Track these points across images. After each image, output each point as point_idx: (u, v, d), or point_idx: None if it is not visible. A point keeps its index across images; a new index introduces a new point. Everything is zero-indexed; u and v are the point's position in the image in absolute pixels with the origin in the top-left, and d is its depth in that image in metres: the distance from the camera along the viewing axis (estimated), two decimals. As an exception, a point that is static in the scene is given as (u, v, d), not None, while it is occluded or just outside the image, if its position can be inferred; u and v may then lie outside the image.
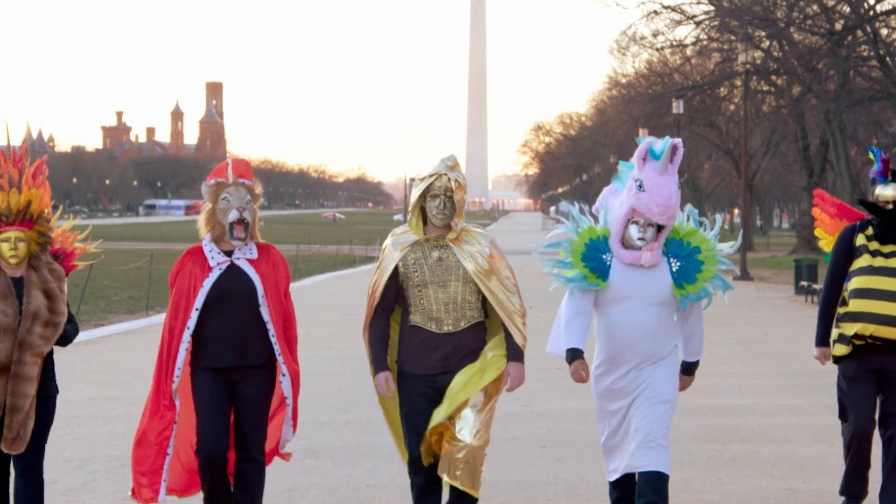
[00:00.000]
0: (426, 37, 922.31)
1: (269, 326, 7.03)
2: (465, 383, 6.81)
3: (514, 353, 6.92)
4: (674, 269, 7.02)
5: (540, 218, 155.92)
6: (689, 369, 7.27)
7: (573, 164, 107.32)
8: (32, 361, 6.77)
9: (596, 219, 7.27)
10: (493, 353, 6.93)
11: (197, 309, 6.96)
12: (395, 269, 6.91)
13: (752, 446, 10.57)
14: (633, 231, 6.95)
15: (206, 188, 7.12)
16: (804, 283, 30.31)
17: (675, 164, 7.01)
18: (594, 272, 6.97)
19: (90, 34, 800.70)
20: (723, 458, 10.07)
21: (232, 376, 7.02)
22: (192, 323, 6.98)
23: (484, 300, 6.95)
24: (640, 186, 6.91)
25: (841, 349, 7.64)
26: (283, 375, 7.12)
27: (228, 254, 7.09)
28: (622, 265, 6.99)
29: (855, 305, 7.51)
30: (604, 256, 7.01)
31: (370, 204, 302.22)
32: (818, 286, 28.45)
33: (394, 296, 6.98)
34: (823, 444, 10.68)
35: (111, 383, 13.92)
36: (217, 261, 7.05)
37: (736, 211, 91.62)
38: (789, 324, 23.07)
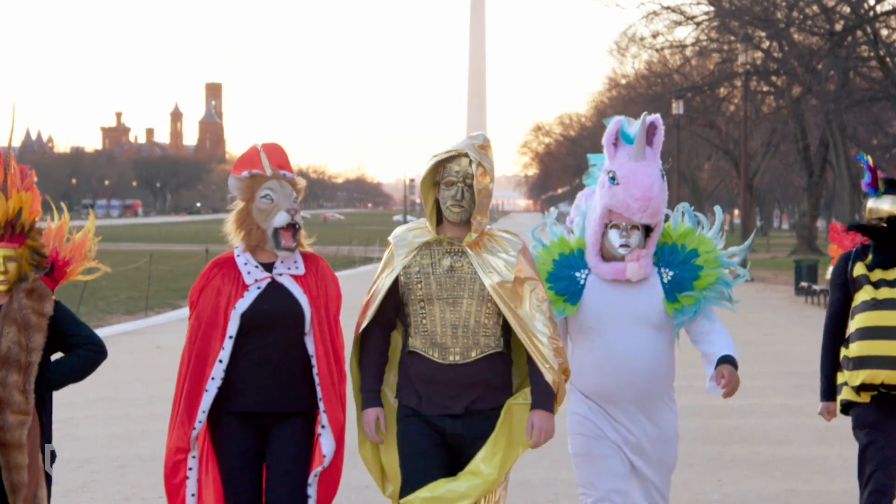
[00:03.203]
0: (426, 37, 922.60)
1: (314, 362, 5.52)
2: (497, 464, 5.30)
3: (541, 399, 5.34)
4: (665, 281, 5.70)
5: (539, 219, 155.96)
6: (728, 359, 5.86)
7: (573, 165, 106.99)
8: (16, 422, 5.35)
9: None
10: (522, 409, 5.41)
11: (231, 337, 5.49)
12: (396, 277, 5.39)
13: (753, 447, 10.56)
14: (614, 237, 5.62)
15: (236, 182, 5.56)
16: (804, 284, 30.32)
17: (656, 148, 5.68)
18: (561, 294, 5.67)
19: (90, 34, 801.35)
20: (723, 458, 10.06)
21: (264, 423, 5.56)
22: (225, 355, 5.49)
23: (506, 325, 5.38)
24: (613, 179, 5.58)
25: (848, 393, 6.31)
26: (323, 427, 5.51)
27: (268, 267, 5.57)
28: (602, 283, 5.66)
29: (859, 349, 6.16)
30: (577, 274, 5.70)
31: (370, 205, 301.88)
32: (818, 287, 28.41)
33: (394, 310, 5.47)
34: (823, 444, 10.67)
35: (110, 384, 13.89)
36: (255, 276, 5.53)
37: (736, 212, 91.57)
38: (789, 324, 23.10)
